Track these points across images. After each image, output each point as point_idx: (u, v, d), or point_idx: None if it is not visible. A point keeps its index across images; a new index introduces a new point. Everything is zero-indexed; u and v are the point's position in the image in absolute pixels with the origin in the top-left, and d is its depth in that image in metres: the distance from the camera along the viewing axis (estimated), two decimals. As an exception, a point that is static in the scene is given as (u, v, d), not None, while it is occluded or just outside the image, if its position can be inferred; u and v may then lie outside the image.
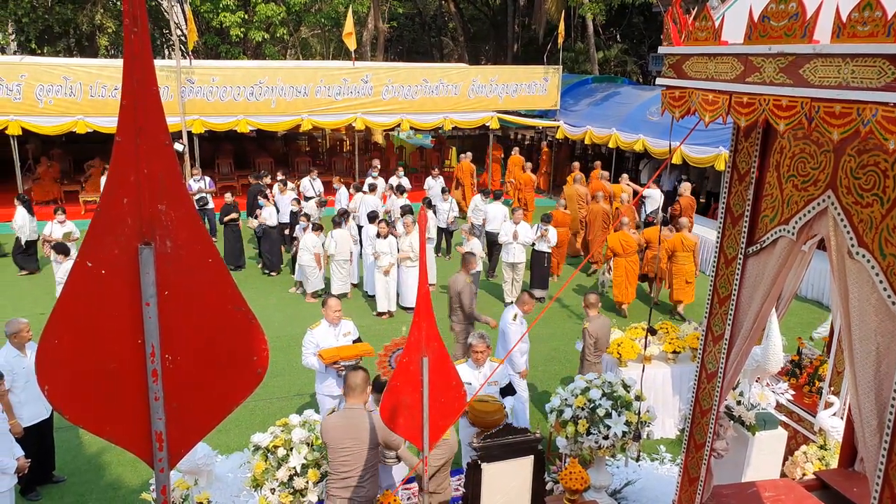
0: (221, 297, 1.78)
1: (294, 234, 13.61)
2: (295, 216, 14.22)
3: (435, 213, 14.79)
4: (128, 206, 1.63)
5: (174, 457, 1.83)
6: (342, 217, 13.04)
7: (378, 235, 12.00)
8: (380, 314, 12.06)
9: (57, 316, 1.65)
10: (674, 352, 8.29)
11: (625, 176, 17.24)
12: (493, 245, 13.94)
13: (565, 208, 14.55)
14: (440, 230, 15.13)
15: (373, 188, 15.35)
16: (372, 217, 12.96)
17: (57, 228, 12.74)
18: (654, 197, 15.66)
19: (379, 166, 18.63)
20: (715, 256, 4.23)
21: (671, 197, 16.98)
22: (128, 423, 1.77)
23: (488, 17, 39.81)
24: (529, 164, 20.02)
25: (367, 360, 7.33)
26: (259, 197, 14.63)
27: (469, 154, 20.51)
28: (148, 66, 1.58)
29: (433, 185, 17.41)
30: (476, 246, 11.86)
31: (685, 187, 14.97)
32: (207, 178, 17.08)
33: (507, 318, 8.00)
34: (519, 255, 12.37)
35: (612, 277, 12.31)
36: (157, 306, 1.70)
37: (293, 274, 13.78)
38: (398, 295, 12.41)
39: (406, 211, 12.95)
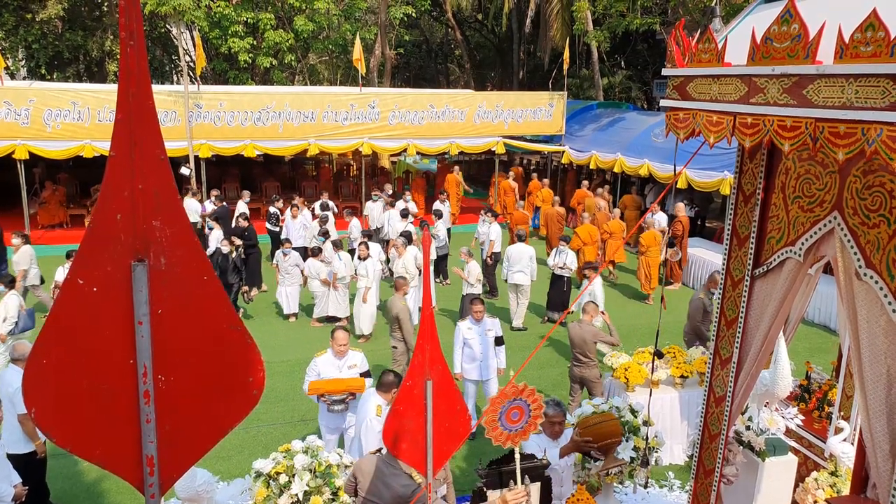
0: (216, 315, 1.75)
1: (274, 261, 13.15)
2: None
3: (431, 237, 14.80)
4: (121, 221, 1.60)
5: (166, 482, 1.78)
6: (326, 237, 13.12)
7: (358, 258, 11.96)
8: (360, 336, 11.95)
9: (46, 335, 1.61)
10: (681, 376, 8.20)
11: (633, 189, 18.65)
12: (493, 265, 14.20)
13: (523, 208, 17.60)
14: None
15: (406, 214, 15.55)
16: (368, 236, 13.03)
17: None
18: (661, 221, 15.62)
19: (389, 190, 18.75)
20: (721, 279, 4.18)
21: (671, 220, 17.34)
22: (118, 446, 1.73)
23: (494, 44, 40.18)
24: (512, 174, 22.01)
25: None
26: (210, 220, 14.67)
27: (457, 168, 22.10)
28: (144, 80, 1.56)
29: (441, 208, 17.43)
30: (474, 268, 11.81)
31: (679, 208, 15.36)
32: (223, 203, 17.17)
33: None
34: (522, 278, 12.31)
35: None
36: (149, 325, 1.66)
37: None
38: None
39: (403, 234, 12.96)
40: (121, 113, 1.57)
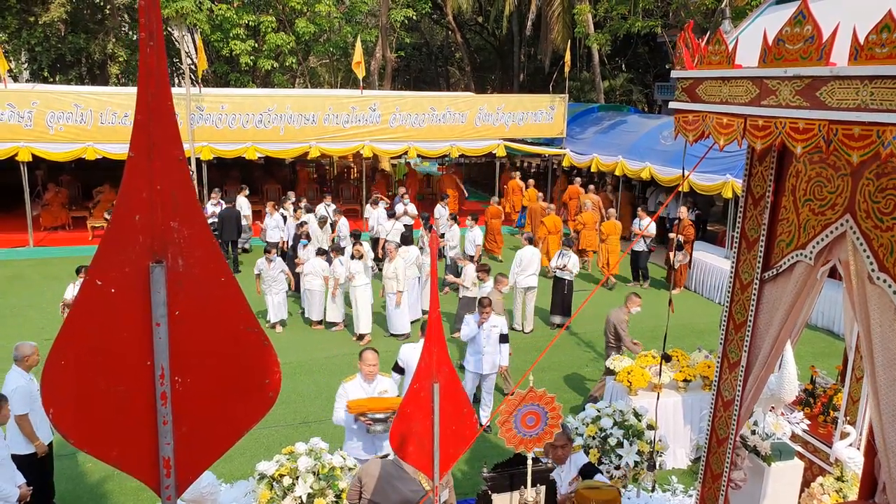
0: (234, 317, 1.73)
1: (256, 269, 12.25)
2: None
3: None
4: (140, 223, 1.59)
5: (182, 484, 1.77)
6: (308, 240, 13.24)
7: (352, 257, 11.95)
8: (360, 336, 11.93)
9: (64, 336, 1.60)
10: (685, 380, 8.18)
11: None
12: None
13: (499, 203, 19.06)
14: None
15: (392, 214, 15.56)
16: (355, 237, 13.04)
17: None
18: (650, 228, 15.59)
19: (402, 192, 18.87)
20: (729, 283, 4.17)
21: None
22: (135, 448, 1.71)
23: (494, 47, 40.21)
24: (518, 173, 22.85)
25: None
26: None
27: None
28: (163, 80, 1.55)
29: (443, 213, 17.40)
30: (470, 270, 11.80)
31: (682, 211, 15.50)
32: (224, 204, 17.17)
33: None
34: (535, 280, 12.33)
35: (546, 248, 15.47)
36: (167, 327, 1.65)
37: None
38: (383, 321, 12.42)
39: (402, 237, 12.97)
40: (140, 114, 1.56)
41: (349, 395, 6.41)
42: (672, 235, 15.22)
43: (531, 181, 21.47)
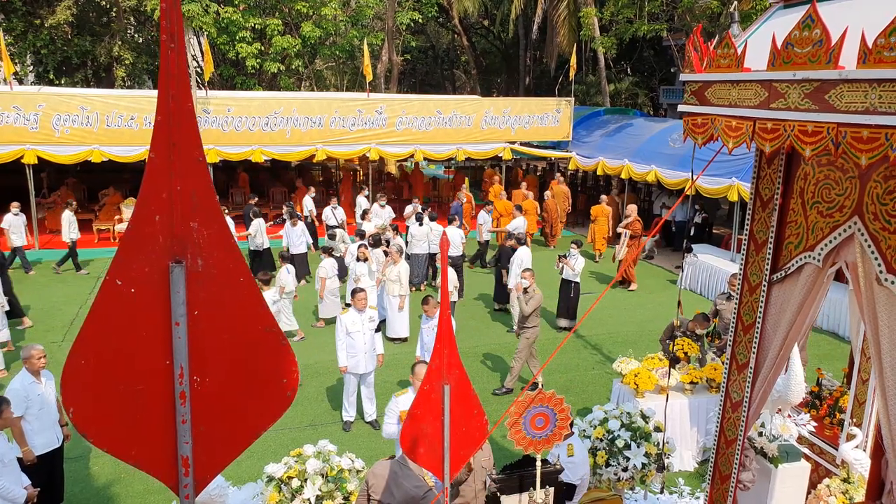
0: (252, 317, 1.76)
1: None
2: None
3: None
4: (159, 223, 1.61)
5: (200, 483, 1.79)
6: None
7: (358, 259, 11.93)
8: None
9: (84, 335, 1.62)
10: (691, 382, 8.17)
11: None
12: (458, 269, 14.23)
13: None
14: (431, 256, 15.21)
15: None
16: (360, 235, 13.06)
17: None
18: (518, 226, 15.60)
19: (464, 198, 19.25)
20: (738, 285, 4.18)
21: (681, 227, 18.47)
22: (153, 447, 1.73)
23: (500, 50, 40.25)
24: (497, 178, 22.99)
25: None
26: None
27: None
28: (184, 82, 1.58)
29: (486, 219, 17.22)
30: (451, 275, 11.79)
31: (631, 209, 16.05)
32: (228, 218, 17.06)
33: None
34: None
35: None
36: (186, 326, 1.67)
37: None
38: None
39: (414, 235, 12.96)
40: (160, 115, 1.58)
41: (401, 406, 6.27)
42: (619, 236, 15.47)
43: (497, 177, 22.25)
